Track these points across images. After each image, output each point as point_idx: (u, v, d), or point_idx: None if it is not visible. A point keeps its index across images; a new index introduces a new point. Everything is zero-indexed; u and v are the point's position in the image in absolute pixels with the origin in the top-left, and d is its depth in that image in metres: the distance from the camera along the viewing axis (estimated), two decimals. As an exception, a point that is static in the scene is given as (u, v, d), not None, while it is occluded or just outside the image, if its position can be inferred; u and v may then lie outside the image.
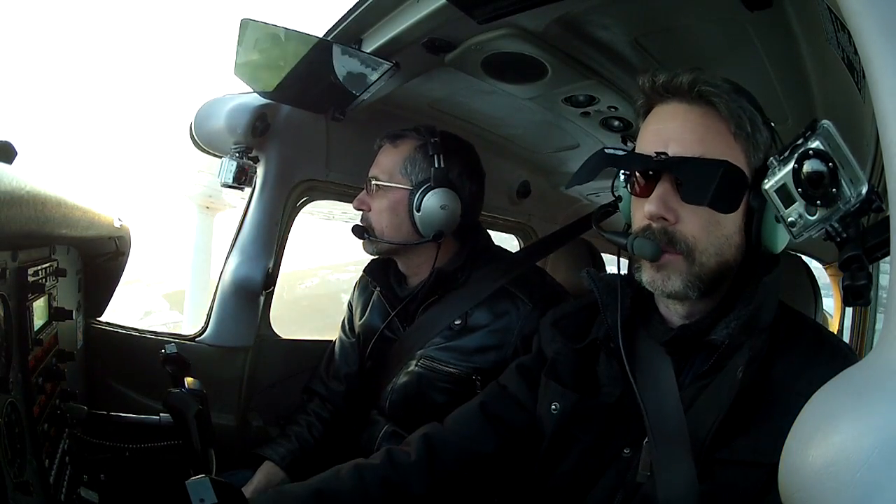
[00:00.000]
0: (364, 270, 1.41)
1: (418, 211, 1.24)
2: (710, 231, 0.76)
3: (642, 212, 0.78)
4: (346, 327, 1.49)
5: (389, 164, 1.29)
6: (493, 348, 1.22)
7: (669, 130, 0.77)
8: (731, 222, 0.77)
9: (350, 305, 1.50)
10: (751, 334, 0.75)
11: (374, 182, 1.29)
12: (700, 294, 0.77)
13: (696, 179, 0.72)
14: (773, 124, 0.80)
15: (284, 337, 1.60)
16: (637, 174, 0.80)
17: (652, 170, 0.77)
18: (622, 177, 0.86)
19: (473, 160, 1.34)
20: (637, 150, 0.81)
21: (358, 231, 1.32)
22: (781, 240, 0.76)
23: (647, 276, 0.80)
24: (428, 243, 1.27)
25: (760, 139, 0.78)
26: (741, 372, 0.71)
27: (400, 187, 1.27)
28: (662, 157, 0.75)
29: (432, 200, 1.23)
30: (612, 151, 0.81)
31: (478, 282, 1.28)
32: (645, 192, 0.79)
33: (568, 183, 0.91)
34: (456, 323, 1.25)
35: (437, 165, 1.25)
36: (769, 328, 0.77)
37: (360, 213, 1.33)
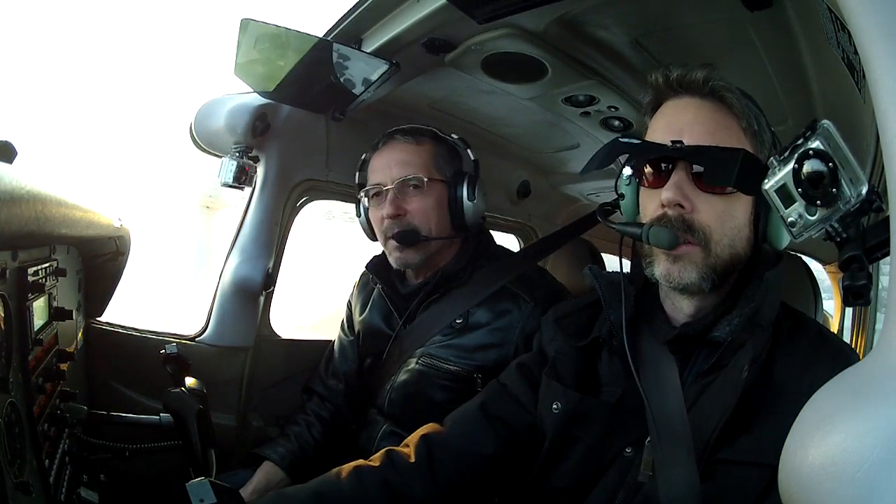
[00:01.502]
0: (366, 267, 1.39)
1: (471, 200, 1.26)
2: (724, 222, 0.76)
3: (656, 202, 0.78)
4: (346, 325, 1.49)
5: (423, 161, 1.25)
6: (494, 346, 1.22)
7: (683, 122, 0.78)
8: (743, 214, 0.77)
9: (349, 304, 1.51)
10: (753, 331, 0.75)
11: (423, 178, 1.22)
12: (712, 286, 0.77)
13: (717, 164, 0.73)
14: (771, 128, 0.81)
15: (284, 337, 1.60)
16: (649, 165, 0.80)
17: (669, 158, 0.77)
18: (626, 173, 0.86)
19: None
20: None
21: (409, 237, 1.22)
22: (786, 236, 0.76)
23: (661, 269, 0.79)
24: (457, 237, 1.29)
25: (766, 138, 0.79)
26: (746, 371, 0.71)
27: (442, 181, 1.27)
28: (679, 145, 0.76)
29: (479, 191, 1.27)
30: (627, 140, 0.81)
31: (479, 281, 1.28)
32: (657, 183, 0.79)
33: (583, 168, 0.90)
34: (457, 321, 1.25)
35: (471, 158, 1.30)
36: (771, 326, 0.77)
37: (397, 218, 1.23)
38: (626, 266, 0.88)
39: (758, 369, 0.72)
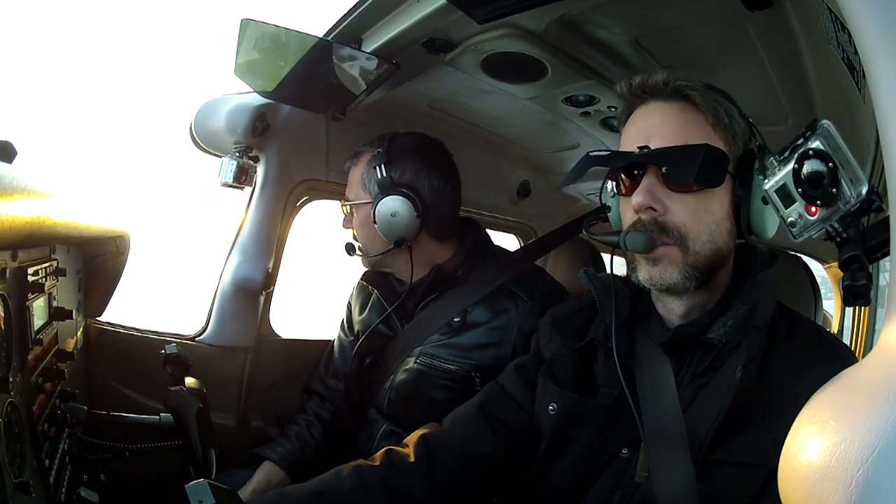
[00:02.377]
0: (362, 277, 1.43)
1: (375, 223, 1.24)
2: (700, 218, 0.76)
3: (631, 209, 0.79)
4: (345, 326, 1.49)
5: (353, 183, 1.33)
6: (492, 345, 1.23)
7: (650, 127, 0.79)
8: (719, 208, 0.77)
9: (349, 304, 1.51)
10: (747, 332, 0.75)
11: (344, 202, 1.34)
12: (697, 284, 0.77)
13: (680, 163, 0.74)
14: (748, 118, 0.81)
15: (284, 337, 1.60)
16: (623, 174, 0.81)
17: (637, 164, 0.78)
18: (609, 185, 0.87)
19: (433, 156, 1.31)
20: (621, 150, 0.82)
21: (349, 248, 1.37)
22: (771, 224, 0.75)
23: (643, 272, 0.80)
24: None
25: (738, 129, 0.79)
26: (739, 371, 0.71)
27: (364, 203, 1.29)
28: (645, 150, 0.76)
29: (382, 210, 1.23)
30: (597, 153, 0.82)
31: (477, 279, 1.28)
32: (632, 190, 0.79)
33: (562, 182, 0.92)
34: (455, 320, 1.25)
35: (380, 176, 1.25)
36: (767, 327, 0.77)
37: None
38: (623, 268, 0.88)
39: (754, 370, 0.73)
